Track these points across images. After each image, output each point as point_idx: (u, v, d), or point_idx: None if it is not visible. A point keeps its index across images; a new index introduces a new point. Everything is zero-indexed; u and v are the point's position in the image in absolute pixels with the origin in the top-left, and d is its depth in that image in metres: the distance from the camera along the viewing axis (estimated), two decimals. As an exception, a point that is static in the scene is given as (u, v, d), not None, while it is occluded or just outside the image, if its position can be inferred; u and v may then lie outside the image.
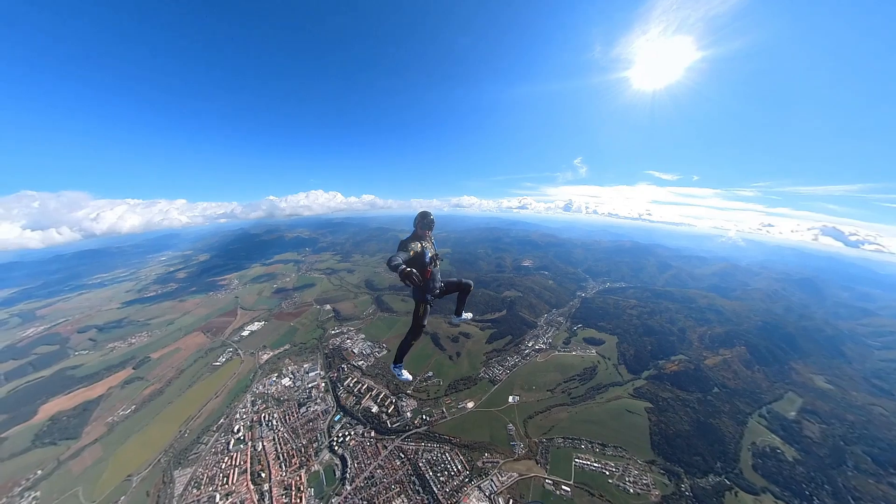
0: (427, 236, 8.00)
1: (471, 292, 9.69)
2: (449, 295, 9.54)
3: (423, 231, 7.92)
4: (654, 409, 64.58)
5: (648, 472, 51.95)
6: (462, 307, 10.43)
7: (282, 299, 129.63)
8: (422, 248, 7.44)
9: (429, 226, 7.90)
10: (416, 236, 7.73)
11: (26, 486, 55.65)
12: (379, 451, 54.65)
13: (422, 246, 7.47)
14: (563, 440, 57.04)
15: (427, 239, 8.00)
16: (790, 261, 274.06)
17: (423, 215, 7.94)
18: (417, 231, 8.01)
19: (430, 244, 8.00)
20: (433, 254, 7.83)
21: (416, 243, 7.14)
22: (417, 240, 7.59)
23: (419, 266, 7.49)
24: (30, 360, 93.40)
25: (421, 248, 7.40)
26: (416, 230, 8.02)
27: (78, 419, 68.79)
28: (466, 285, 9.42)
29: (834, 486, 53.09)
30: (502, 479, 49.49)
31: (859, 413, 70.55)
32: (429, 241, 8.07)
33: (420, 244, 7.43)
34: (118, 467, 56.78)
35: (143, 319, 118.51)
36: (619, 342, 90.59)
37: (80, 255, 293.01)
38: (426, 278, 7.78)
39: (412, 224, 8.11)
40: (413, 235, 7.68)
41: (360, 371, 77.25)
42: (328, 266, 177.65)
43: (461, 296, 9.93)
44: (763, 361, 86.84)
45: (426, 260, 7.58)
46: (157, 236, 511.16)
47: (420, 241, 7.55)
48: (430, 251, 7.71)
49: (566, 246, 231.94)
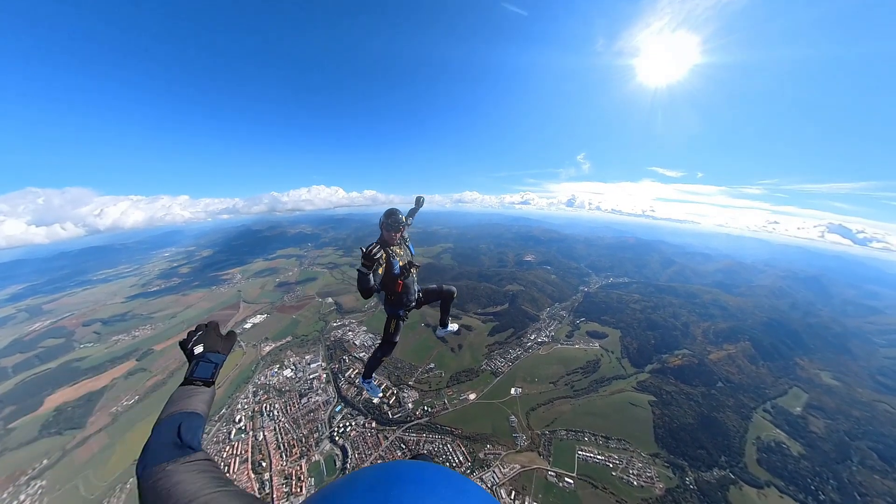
0: (396, 240, 6.25)
1: (454, 299, 7.90)
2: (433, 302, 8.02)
3: (390, 234, 6.09)
4: (658, 403, 64.23)
5: (652, 465, 51.65)
6: (446, 317, 8.47)
7: (284, 293, 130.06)
8: (388, 258, 5.92)
9: (395, 227, 6.05)
10: (382, 241, 5.95)
11: (32, 474, 56.30)
12: (380, 442, 54.69)
13: (388, 254, 5.94)
14: (565, 432, 56.79)
15: (396, 242, 6.31)
16: (796, 259, 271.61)
17: (388, 214, 6.09)
18: (384, 235, 6.13)
19: (400, 249, 6.39)
20: (405, 262, 6.25)
21: (380, 252, 5.41)
22: (384, 246, 5.90)
23: (389, 279, 6.07)
24: (36, 353, 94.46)
25: (387, 257, 5.89)
26: (381, 234, 6.17)
27: (83, 409, 69.60)
28: (448, 292, 7.65)
29: (839, 481, 52.67)
30: (504, 471, 49.34)
31: (864, 409, 70.03)
32: (399, 244, 6.41)
33: (385, 251, 5.87)
34: (123, 454, 57.30)
35: (146, 313, 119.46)
36: (623, 336, 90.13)
37: (85, 251, 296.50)
38: (397, 292, 6.38)
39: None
40: (379, 241, 5.72)
41: (361, 363, 77.46)
42: (330, 260, 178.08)
43: (444, 304, 8.17)
44: (768, 357, 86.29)
45: (395, 272, 6.07)
46: (161, 233, 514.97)
47: (386, 248, 5.94)
48: (399, 260, 6.15)
49: (568, 242, 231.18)
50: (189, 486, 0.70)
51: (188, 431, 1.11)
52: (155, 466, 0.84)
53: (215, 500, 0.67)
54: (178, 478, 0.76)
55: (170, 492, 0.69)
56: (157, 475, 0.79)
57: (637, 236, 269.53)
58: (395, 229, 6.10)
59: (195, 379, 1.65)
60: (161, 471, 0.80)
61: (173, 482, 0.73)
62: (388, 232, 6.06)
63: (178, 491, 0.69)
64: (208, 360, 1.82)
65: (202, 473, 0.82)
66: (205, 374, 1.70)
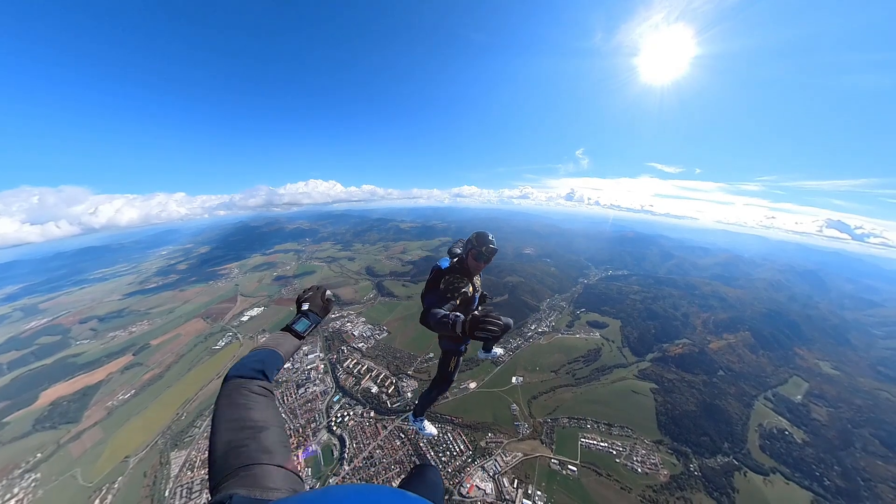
0: (480, 270, 4.91)
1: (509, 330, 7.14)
2: None
3: (476, 264, 4.71)
4: (660, 391, 63.75)
5: (656, 452, 51.06)
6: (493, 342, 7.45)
7: (282, 286, 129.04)
8: (473, 291, 4.78)
9: (487, 258, 4.67)
10: (466, 271, 4.69)
11: (26, 468, 55.58)
12: (378, 432, 53.89)
13: (473, 287, 4.80)
14: (568, 420, 56.13)
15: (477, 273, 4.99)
16: (794, 254, 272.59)
17: (480, 240, 4.62)
18: (467, 263, 4.72)
19: (479, 280, 5.18)
20: (481, 293, 5.22)
21: (466, 285, 4.49)
22: (467, 276, 4.69)
23: (465, 311, 4.80)
24: (32, 349, 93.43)
25: (472, 290, 4.77)
26: (466, 260, 4.73)
27: (78, 404, 68.79)
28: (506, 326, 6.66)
29: (843, 466, 52.47)
30: (506, 459, 48.61)
31: (866, 397, 70.06)
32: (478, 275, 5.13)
33: (472, 283, 4.75)
34: (116, 449, 56.53)
35: (143, 309, 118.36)
36: (623, 326, 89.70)
37: (82, 251, 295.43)
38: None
39: (459, 247, 5.16)
40: (459, 269, 4.65)
41: (359, 353, 76.75)
42: (329, 255, 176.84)
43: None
44: (768, 346, 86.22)
45: (474, 304, 5.00)
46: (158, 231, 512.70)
47: (470, 278, 4.76)
48: (478, 291, 5.09)
49: (568, 235, 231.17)
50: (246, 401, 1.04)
51: (269, 365, 1.49)
52: (235, 378, 1.26)
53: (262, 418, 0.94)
54: (244, 391, 1.12)
55: (232, 398, 1.07)
56: (232, 385, 1.19)
57: (636, 231, 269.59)
58: (486, 260, 4.67)
59: (292, 329, 2.04)
60: (236, 382, 1.21)
61: (240, 393, 1.10)
62: (475, 262, 4.66)
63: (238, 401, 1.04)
64: (308, 317, 2.21)
65: (262, 397, 1.14)
66: (301, 328, 2.10)
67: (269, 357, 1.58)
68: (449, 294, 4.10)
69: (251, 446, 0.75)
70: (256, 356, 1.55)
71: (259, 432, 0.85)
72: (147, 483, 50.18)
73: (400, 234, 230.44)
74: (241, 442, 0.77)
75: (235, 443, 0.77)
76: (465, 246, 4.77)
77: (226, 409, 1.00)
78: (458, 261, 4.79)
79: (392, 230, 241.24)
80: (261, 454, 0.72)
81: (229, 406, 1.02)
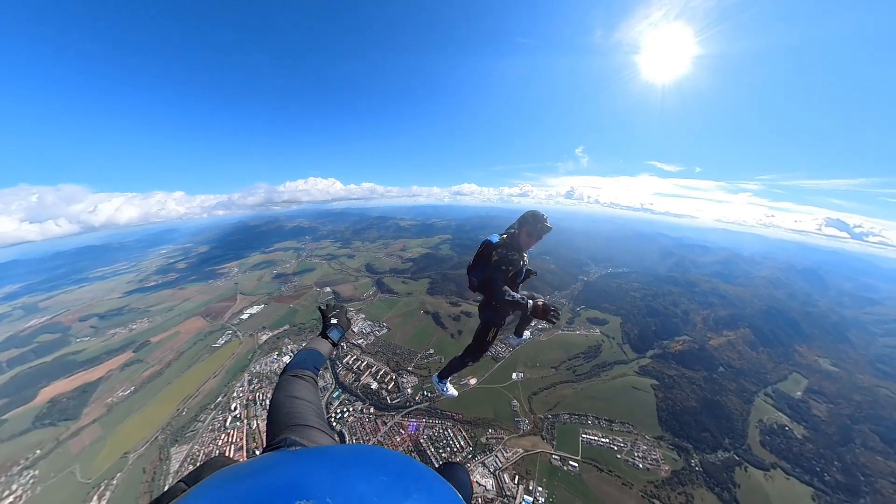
0: (531, 246, 5.29)
1: None
2: None
3: (529, 241, 5.04)
4: (661, 387, 63.74)
5: (657, 448, 51.09)
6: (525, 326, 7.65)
7: (281, 284, 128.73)
8: (522, 265, 5.11)
9: (540, 234, 5.00)
10: (516, 246, 4.92)
11: (25, 465, 55.38)
12: (378, 428, 53.84)
13: (523, 262, 5.12)
14: (568, 416, 56.07)
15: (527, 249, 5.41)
16: (793, 253, 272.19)
17: (536, 217, 4.95)
18: (521, 238, 4.97)
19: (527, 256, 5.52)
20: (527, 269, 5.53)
21: (519, 259, 4.79)
22: (520, 252, 4.97)
23: (512, 284, 5.26)
24: (31, 347, 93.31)
25: (522, 265, 5.10)
26: (519, 236, 4.97)
27: (77, 401, 68.54)
28: None
29: (843, 462, 52.50)
30: (507, 455, 48.54)
31: (865, 394, 70.19)
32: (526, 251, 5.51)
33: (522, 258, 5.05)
34: (115, 446, 56.35)
35: (143, 307, 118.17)
36: (623, 323, 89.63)
37: (81, 251, 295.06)
38: None
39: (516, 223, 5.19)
40: (515, 244, 4.89)
41: (359, 349, 76.67)
42: (328, 252, 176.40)
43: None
44: (767, 343, 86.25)
45: (521, 278, 5.49)
46: (158, 231, 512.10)
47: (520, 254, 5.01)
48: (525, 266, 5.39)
49: (567, 234, 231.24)
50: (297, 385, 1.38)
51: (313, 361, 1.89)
52: (291, 370, 1.65)
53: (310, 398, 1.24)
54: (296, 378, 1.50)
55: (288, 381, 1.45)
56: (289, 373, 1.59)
57: (636, 229, 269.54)
58: (538, 237, 5.03)
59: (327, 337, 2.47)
60: (291, 374, 1.57)
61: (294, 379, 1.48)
62: (528, 238, 5.00)
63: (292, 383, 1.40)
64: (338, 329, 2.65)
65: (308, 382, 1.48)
66: (335, 336, 2.53)
67: (312, 355, 1.99)
68: (504, 266, 4.56)
69: (302, 412, 1.00)
70: (304, 354, 1.98)
71: (309, 404, 1.12)
72: (146, 479, 50.08)
73: (400, 231, 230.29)
74: (294, 408, 1.04)
75: (289, 408, 1.04)
76: (519, 223, 5.10)
77: (283, 387, 1.35)
78: (508, 237, 5.05)
79: (392, 228, 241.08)
80: (308, 418, 0.94)
81: (285, 386, 1.35)
